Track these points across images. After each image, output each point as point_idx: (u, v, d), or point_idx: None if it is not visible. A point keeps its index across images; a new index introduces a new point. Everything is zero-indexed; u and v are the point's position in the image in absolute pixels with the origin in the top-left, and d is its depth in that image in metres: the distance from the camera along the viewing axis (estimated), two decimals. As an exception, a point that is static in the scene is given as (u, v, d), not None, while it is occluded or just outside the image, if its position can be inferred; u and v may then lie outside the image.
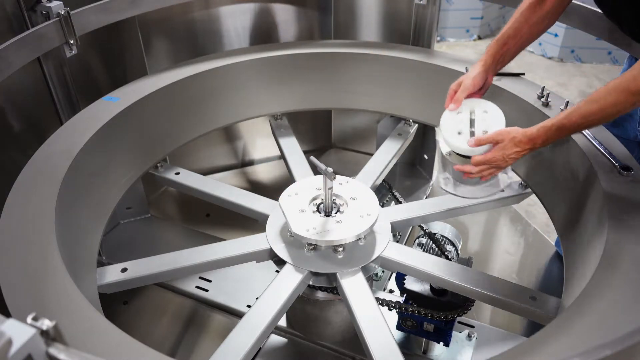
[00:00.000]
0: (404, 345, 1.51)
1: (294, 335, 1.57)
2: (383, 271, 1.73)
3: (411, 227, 1.97)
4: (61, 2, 1.49)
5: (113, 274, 1.32)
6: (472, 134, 1.28)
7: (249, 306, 1.66)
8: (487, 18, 5.18)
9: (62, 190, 1.22)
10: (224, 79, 1.79)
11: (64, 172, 1.25)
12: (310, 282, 1.34)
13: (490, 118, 1.29)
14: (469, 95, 1.35)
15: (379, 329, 1.19)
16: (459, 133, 1.29)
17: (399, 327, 1.44)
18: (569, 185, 1.39)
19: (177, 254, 1.39)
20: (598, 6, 1.36)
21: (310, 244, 1.33)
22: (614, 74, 4.47)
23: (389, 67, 1.85)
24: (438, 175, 1.41)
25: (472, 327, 1.55)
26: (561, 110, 1.42)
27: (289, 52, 1.87)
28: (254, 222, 1.57)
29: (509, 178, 1.35)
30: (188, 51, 2.00)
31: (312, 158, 1.33)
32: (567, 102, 1.45)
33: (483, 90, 1.40)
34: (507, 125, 1.27)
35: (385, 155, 1.81)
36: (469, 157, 1.28)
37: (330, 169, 1.26)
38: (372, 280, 1.63)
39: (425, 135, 2.23)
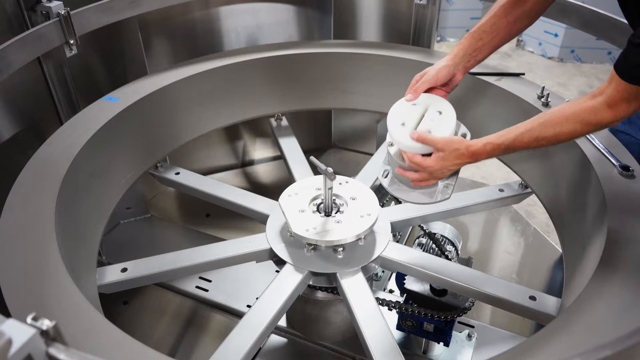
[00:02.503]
0: (404, 345, 1.51)
1: (294, 335, 1.57)
2: (383, 271, 1.73)
3: (411, 227, 1.97)
4: (61, 2, 1.49)
5: (113, 274, 1.32)
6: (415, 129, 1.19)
7: (249, 306, 1.66)
8: (487, 18, 5.17)
9: (62, 190, 1.22)
10: (224, 79, 1.79)
11: (64, 172, 1.25)
12: (310, 282, 1.34)
13: (440, 121, 1.19)
14: (433, 90, 1.26)
15: (379, 329, 1.19)
16: (403, 124, 1.19)
17: (399, 327, 1.44)
18: (569, 185, 1.39)
19: (177, 254, 1.39)
20: None
21: (310, 244, 1.33)
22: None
23: (389, 67, 1.85)
24: (382, 164, 1.32)
25: (472, 327, 1.55)
26: None
27: (289, 52, 1.87)
28: (254, 222, 1.57)
29: (446, 188, 1.25)
30: (188, 51, 2.00)
31: (312, 158, 1.33)
32: None
33: (449, 87, 1.29)
34: (506, 125, 1.26)
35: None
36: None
37: (330, 169, 1.26)
38: (372, 280, 1.63)
39: (425, 135, 2.23)
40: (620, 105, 1.00)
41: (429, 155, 1.16)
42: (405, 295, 1.40)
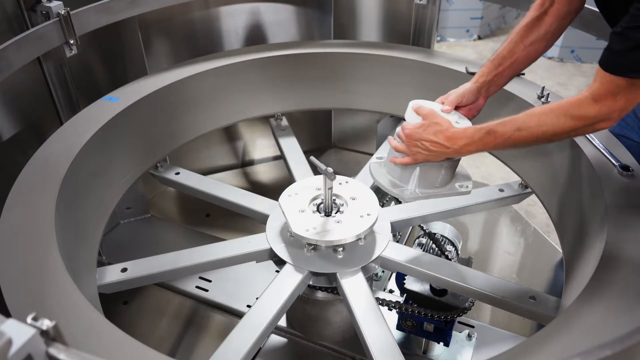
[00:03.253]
0: (404, 345, 1.51)
1: (294, 335, 1.57)
2: (383, 271, 1.73)
3: (411, 227, 1.97)
4: (61, 2, 1.49)
5: (113, 274, 1.32)
6: None
7: (249, 306, 1.66)
8: (487, 18, 5.18)
9: (62, 190, 1.22)
10: (224, 79, 1.79)
11: (64, 172, 1.25)
12: (310, 282, 1.34)
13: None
14: (457, 109, 1.30)
15: (379, 329, 1.19)
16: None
17: (399, 327, 1.44)
18: (569, 185, 1.39)
19: (177, 254, 1.39)
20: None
21: (310, 244, 1.33)
22: (614, 74, 4.47)
23: (389, 67, 1.85)
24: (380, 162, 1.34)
25: (472, 327, 1.55)
26: None
27: (289, 52, 1.87)
28: (254, 222, 1.57)
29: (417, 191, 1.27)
30: (188, 51, 2.00)
31: (312, 158, 1.33)
32: None
33: (473, 110, 1.33)
34: None
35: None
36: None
37: (330, 169, 1.26)
38: (372, 280, 1.63)
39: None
40: (606, 99, 1.00)
41: None
42: (405, 295, 1.40)
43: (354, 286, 1.28)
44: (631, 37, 0.93)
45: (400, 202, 1.89)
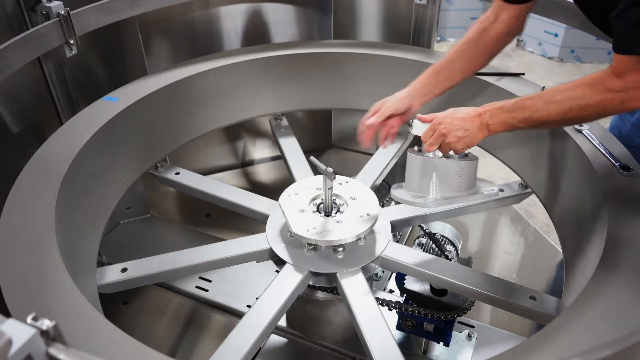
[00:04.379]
0: (404, 345, 1.51)
1: (294, 335, 1.57)
2: (383, 271, 1.73)
3: (411, 227, 1.97)
4: (61, 2, 1.49)
5: (113, 274, 1.32)
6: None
7: (249, 306, 1.66)
8: (487, 18, 5.17)
9: (62, 190, 1.22)
10: (224, 79, 1.79)
11: (64, 172, 1.25)
12: (310, 282, 1.34)
13: None
14: (392, 117, 1.35)
15: (379, 329, 1.19)
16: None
17: (399, 327, 1.44)
18: (569, 185, 1.39)
19: (177, 254, 1.39)
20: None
21: (310, 244, 1.33)
22: (614, 74, 4.46)
23: (389, 67, 1.85)
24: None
25: (472, 327, 1.55)
26: None
27: (289, 52, 1.87)
28: (254, 222, 1.57)
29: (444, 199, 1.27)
30: (188, 51, 2.00)
31: (312, 158, 1.33)
32: None
33: (406, 116, 1.39)
34: None
35: (385, 155, 1.80)
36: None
37: (330, 169, 1.26)
38: (372, 280, 1.63)
39: (425, 135, 2.23)
40: (629, 74, 1.00)
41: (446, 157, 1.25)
42: (405, 295, 1.40)
43: (354, 286, 1.28)
44: (630, 15, 0.96)
45: (400, 202, 1.89)
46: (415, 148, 1.30)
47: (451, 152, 1.25)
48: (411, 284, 1.39)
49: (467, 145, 1.21)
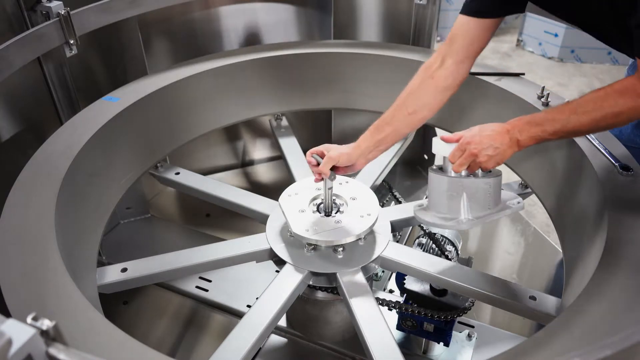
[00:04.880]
0: (404, 345, 1.51)
1: (294, 335, 1.57)
2: (383, 271, 1.73)
3: (411, 227, 1.97)
4: (61, 2, 1.49)
5: (113, 274, 1.32)
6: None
7: (249, 306, 1.66)
8: (487, 18, 5.17)
9: (62, 190, 1.22)
10: (224, 79, 1.79)
11: (64, 172, 1.25)
12: (310, 282, 1.34)
13: None
14: (335, 168, 1.28)
15: (379, 329, 1.19)
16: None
17: (399, 327, 1.44)
18: (569, 185, 1.39)
19: (177, 254, 1.39)
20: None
21: (310, 244, 1.33)
22: (614, 74, 4.47)
23: (389, 67, 1.85)
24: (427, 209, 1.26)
25: (472, 327, 1.55)
26: None
27: (289, 52, 1.87)
28: (254, 222, 1.57)
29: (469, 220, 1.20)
30: (188, 51, 2.00)
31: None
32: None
33: (349, 169, 1.32)
34: None
35: (385, 155, 1.80)
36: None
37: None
38: (372, 280, 1.63)
39: (425, 135, 2.23)
40: None
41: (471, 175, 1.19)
42: (405, 295, 1.40)
43: (354, 286, 1.28)
44: None
45: (400, 202, 1.90)
46: (434, 166, 1.24)
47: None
48: (411, 284, 1.39)
49: (498, 163, 1.17)
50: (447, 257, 1.46)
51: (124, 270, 1.33)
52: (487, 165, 1.16)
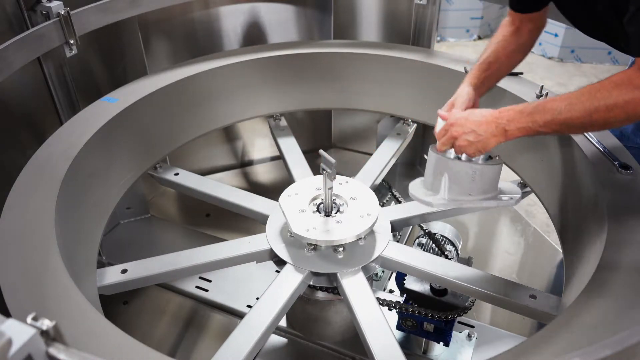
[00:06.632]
0: (404, 345, 1.51)
1: (294, 336, 1.57)
2: (383, 271, 1.73)
3: (411, 227, 1.97)
4: (61, 2, 1.49)
5: (113, 275, 1.32)
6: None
7: (249, 306, 1.66)
8: (487, 18, 5.18)
9: (62, 190, 1.22)
10: (223, 79, 1.79)
11: (64, 172, 1.25)
12: (311, 282, 1.34)
13: None
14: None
15: (380, 328, 1.19)
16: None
17: (399, 327, 1.44)
18: (569, 184, 1.39)
19: (177, 255, 1.39)
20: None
21: (310, 244, 1.33)
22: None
23: (389, 67, 1.85)
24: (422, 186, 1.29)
25: (472, 327, 1.55)
26: None
27: (289, 52, 1.87)
28: (254, 222, 1.57)
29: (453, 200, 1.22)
30: (188, 51, 2.01)
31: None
32: None
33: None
34: None
35: (385, 155, 1.81)
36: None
37: (330, 170, 1.25)
38: (372, 280, 1.63)
39: (425, 135, 2.23)
40: None
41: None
42: (405, 295, 1.40)
43: (355, 286, 1.28)
44: None
45: (400, 202, 1.90)
46: (437, 144, 1.25)
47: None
48: (411, 284, 1.39)
49: (479, 151, 1.16)
50: (447, 257, 1.46)
51: (124, 271, 1.33)
52: (466, 151, 1.17)
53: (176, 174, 1.73)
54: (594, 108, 1.03)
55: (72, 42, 1.53)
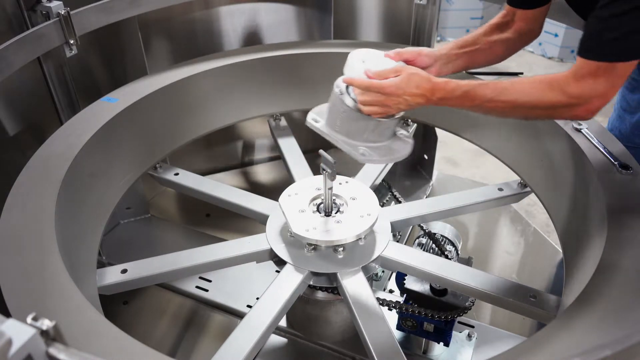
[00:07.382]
0: (404, 345, 1.51)
1: (294, 335, 1.57)
2: (383, 271, 1.73)
3: (411, 227, 1.97)
4: (61, 2, 1.48)
5: (113, 275, 1.32)
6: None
7: (249, 306, 1.66)
8: (487, 18, 5.17)
9: (62, 191, 1.22)
10: (223, 79, 1.79)
11: (64, 173, 1.25)
12: (311, 282, 1.34)
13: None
14: (409, 63, 1.25)
15: (381, 328, 1.19)
16: (363, 61, 1.19)
17: (399, 327, 1.44)
18: (569, 184, 1.39)
19: (177, 255, 1.39)
20: None
21: (310, 244, 1.33)
22: (613, 74, 4.46)
23: (388, 67, 1.84)
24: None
25: (472, 327, 1.55)
26: None
27: (289, 52, 1.86)
28: (254, 223, 1.57)
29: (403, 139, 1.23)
30: (188, 51, 2.00)
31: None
32: None
33: (425, 67, 1.29)
34: (504, 124, 1.26)
35: (385, 155, 1.80)
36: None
37: (330, 170, 1.25)
38: (372, 280, 1.63)
39: (425, 135, 2.23)
40: (587, 79, 1.00)
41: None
42: (405, 295, 1.40)
43: (355, 286, 1.28)
44: (603, 18, 0.96)
45: (400, 202, 1.90)
46: (342, 78, 1.23)
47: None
48: (411, 284, 1.39)
49: (392, 114, 1.19)
50: (447, 257, 1.46)
51: (124, 271, 1.32)
52: (384, 112, 1.17)
53: (176, 174, 1.73)
54: (521, 102, 1.07)
55: (72, 42, 1.53)
